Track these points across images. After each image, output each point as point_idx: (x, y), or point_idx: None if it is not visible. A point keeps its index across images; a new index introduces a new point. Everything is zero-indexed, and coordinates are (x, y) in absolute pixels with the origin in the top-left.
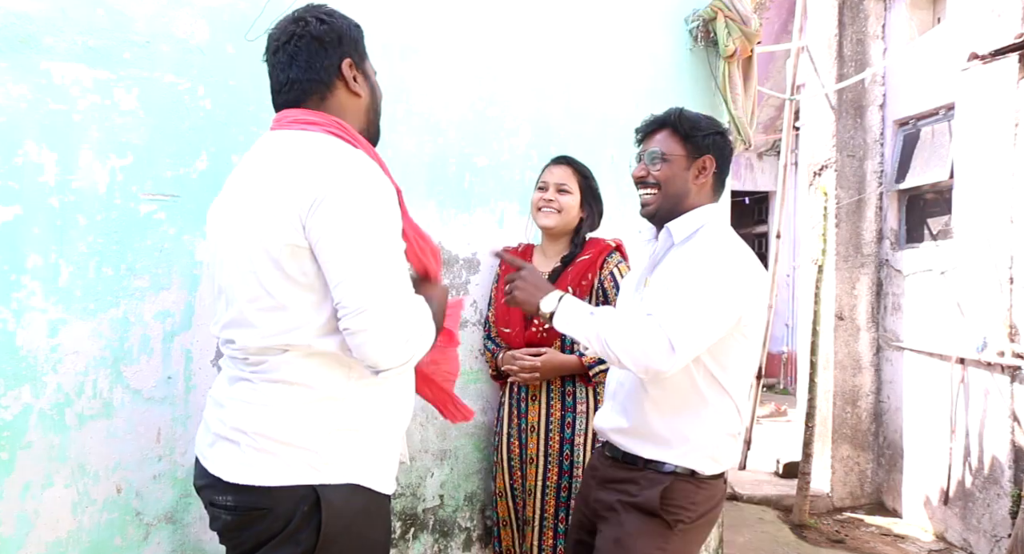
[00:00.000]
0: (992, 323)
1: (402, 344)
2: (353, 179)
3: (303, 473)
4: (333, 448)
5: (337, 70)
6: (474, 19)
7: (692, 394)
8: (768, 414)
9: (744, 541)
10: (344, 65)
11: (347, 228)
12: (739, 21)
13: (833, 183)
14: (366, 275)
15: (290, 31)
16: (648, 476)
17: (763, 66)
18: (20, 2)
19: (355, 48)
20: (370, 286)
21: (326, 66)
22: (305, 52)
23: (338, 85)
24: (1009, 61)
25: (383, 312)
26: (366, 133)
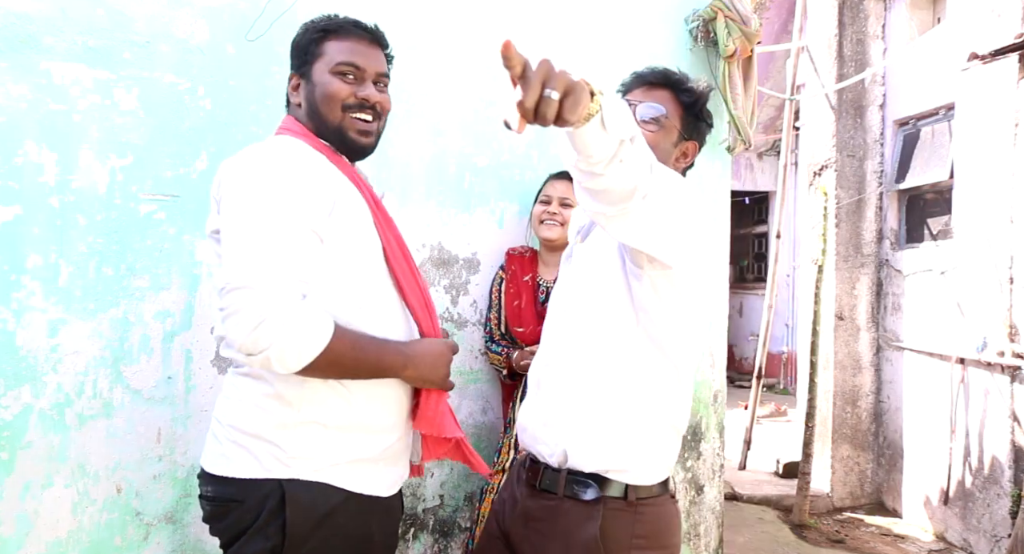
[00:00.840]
0: (992, 323)
1: (251, 329)
2: (257, 164)
3: (271, 467)
4: (299, 443)
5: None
6: (474, 19)
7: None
8: (768, 414)
9: (744, 541)
10: (290, 84)
11: (233, 207)
12: (739, 21)
13: (833, 183)
14: (238, 254)
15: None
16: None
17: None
18: (20, 2)
19: (297, 58)
20: (237, 265)
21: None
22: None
23: (292, 99)
24: (1009, 61)
25: (243, 291)
26: (322, 132)
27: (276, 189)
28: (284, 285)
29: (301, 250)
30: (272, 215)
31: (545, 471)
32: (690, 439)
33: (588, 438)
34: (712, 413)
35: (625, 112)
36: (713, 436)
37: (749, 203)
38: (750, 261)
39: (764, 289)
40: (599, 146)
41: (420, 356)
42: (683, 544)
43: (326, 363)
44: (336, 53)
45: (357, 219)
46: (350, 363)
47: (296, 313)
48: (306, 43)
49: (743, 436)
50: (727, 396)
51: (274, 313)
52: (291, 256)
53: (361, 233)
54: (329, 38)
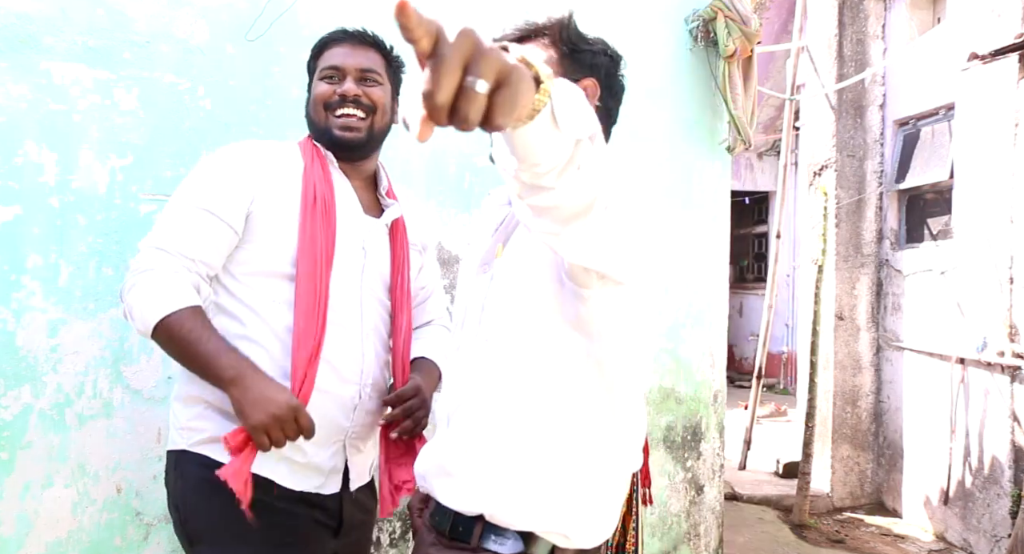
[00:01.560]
0: (992, 323)
1: (129, 285)
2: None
3: (174, 439)
4: (187, 415)
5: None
6: (474, 19)
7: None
8: (768, 414)
9: (744, 541)
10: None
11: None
12: (739, 21)
13: (833, 183)
14: (155, 225)
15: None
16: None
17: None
18: (20, 2)
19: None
20: (151, 233)
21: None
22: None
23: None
24: (1009, 61)
25: (140, 253)
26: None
27: (200, 178)
28: (168, 255)
29: (200, 233)
30: (187, 198)
31: (457, 516)
32: (690, 439)
33: (514, 491)
34: (712, 413)
35: (580, 100)
36: (713, 436)
37: (749, 203)
38: (750, 261)
39: (764, 289)
40: (549, 150)
41: (253, 384)
42: (683, 544)
43: (163, 337)
44: (324, 61)
45: (275, 223)
46: (179, 346)
47: (156, 279)
48: (310, 61)
49: (743, 436)
50: (727, 396)
51: (144, 275)
52: (187, 235)
53: (274, 239)
54: (324, 50)
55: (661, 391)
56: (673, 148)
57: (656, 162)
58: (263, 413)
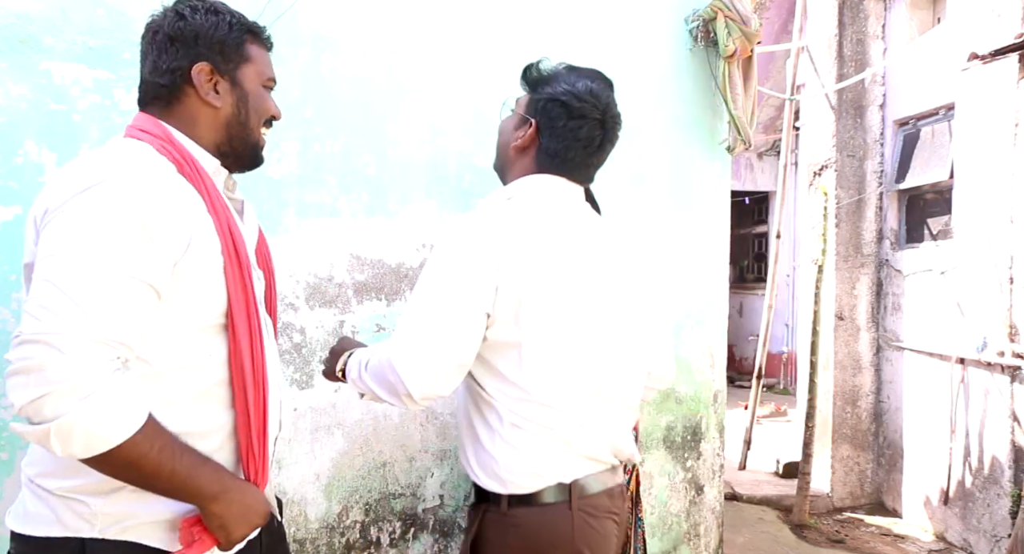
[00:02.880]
0: (992, 323)
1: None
2: (97, 187)
3: (74, 525)
4: (105, 500)
5: (186, 74)
6: (474, 18)
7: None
8: (768, 414)
9: (744, 541)
10: (195, 70)
11: (54, 238)
12: (739, 21)
13: (833, 183)
14: (44, 299)
15: (152, 25)
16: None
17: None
18: (20, 2)
19: (219, 51)
20: (40, 312)
21: (172, 69)
22: (155, 50)
23: (187, 92)
24: (1009, 61)
25: (39, 346)
26: (227, 148)
27: (113, 223)
28: (92, 347)
29: (127, 306)
30: (99, 256)
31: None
32: (690, 439)
33: (464, 451)
34: (712, 413)
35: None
36: (713, 436)
37: (749, 203)
38: (750, 261)
39: (764, 289)
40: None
41: (237, 496)
42: (683, 544)
43: (122, 461)
44: (263, 64)
45: (202, 271)
46: (150, 470)
47: (99, 387)
48: (232, 40)
49: (743, 436)
50: (727, 396)
51: (71, 380)
52: (112, 312)
53: (202, 290)
54: (253, 42)
55: (661, 391)
56: (673, 148)
57: (656, 162)
58: (247, 526)
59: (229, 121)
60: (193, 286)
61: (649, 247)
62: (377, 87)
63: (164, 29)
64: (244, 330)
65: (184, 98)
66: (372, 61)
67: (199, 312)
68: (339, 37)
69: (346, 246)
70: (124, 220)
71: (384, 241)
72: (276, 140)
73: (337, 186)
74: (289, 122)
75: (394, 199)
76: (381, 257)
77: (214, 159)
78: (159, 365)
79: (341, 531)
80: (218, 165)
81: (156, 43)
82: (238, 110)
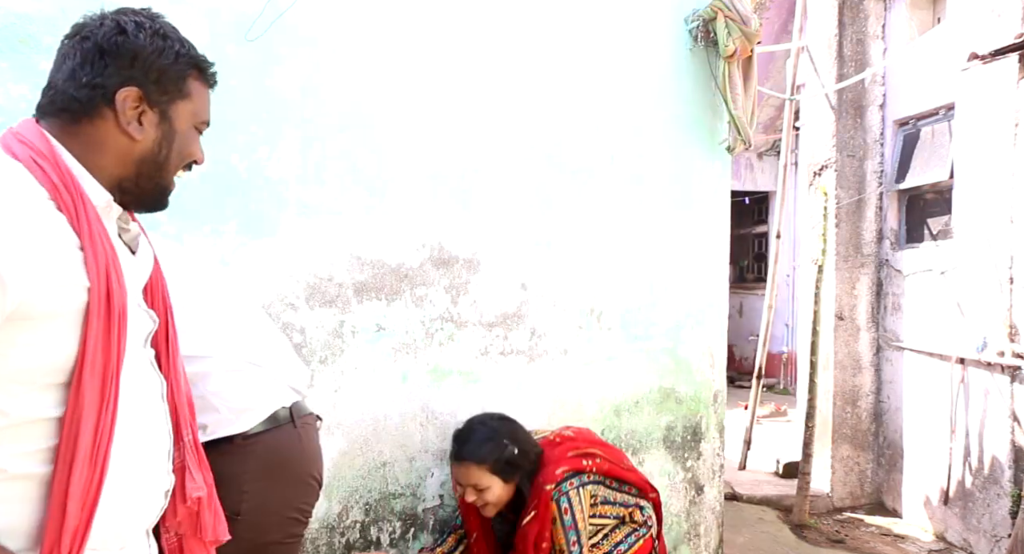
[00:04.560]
0: (992, 323)
1: None
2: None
3: None
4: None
5: (109, 95)
6: (474, 18)
7: None
8: (768, 414)
9: (744, 541)
10: (121, 93)
11: None
12: (739, 21)
13: (833, 183)
14: None
15: (84, 28)
16: None
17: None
18: (20, 2)
19: (155, 79)
20: None
21: (93, 84)
22: (79, 57)
23: (104, 114)
24: (1009, 61)
25: None
26: (132, 185)
27: None
28: None
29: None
30: None
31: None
32: (690, 439)
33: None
34: (712, 413)
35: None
36: (713, 436)
37: (749, 203)
38: (750, 261)
39: (764, 289)
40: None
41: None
42: (683, 544)
43: None
44: (201, 104)
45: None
46: None
47: None
48: (175, 71)
49: (743, 436)
50: (727, 396)
51: None
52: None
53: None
54: (197, 79)
55: (661, 391)
56: (673, 148)
57: (656, 162)
58: None
59: (144, 157)
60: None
61: (649, 247)
62: (377, 87)
63: (97, 38)
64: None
65: (98, 120)
66: (372, 61)
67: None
68: (339, 37)
69: (346, 246)
70: None
71: (384, 241)
72: (276, 140)
73: (337, 186)
74: (289, 122)
75: (394, 199)
76: (381, 257)
77: (106, 194)
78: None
79: (341, 531)
80: (110, 200)
81: (82, 50)
82: (159, 148)
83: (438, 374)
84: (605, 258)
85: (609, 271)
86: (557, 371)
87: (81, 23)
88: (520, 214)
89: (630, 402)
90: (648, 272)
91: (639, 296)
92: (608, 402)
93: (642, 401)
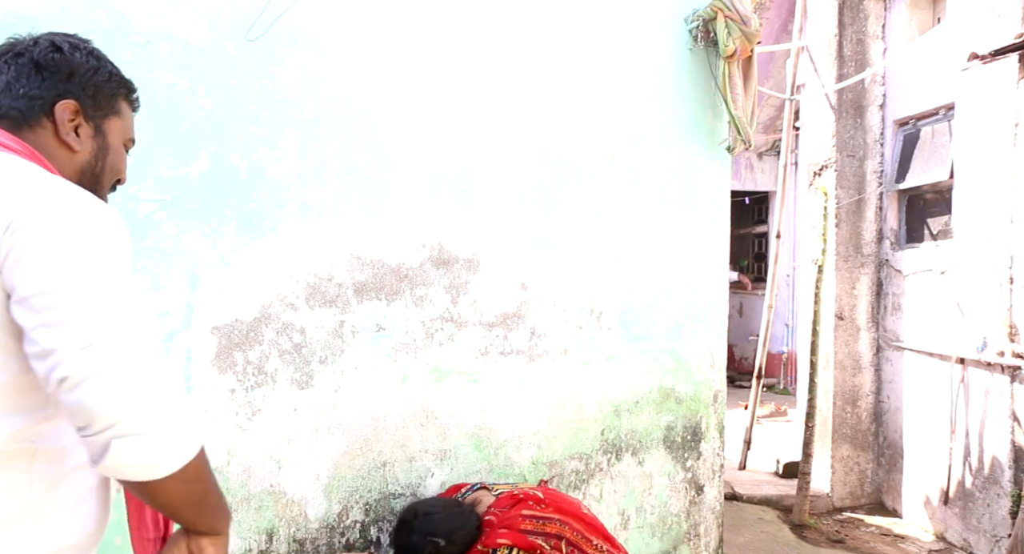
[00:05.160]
0: (992, 323)
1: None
2: (68, 199)
3: None
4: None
5: (47, 106)
6: (475, 18)
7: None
8: (768, 414)
9: (744, 541)
10: (60, 105)
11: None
12: (739, 21)
13: (833, 183)
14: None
15: (15, 46)
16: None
17: (763, 66)
18: (20, 2)
19: (91, 95)
20: (97, 320)
21: (31, 96)
22: (13, 71)
23: (44, 123)
24: (1009, 61)
25: (119, 349)
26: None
27: (117, 248)
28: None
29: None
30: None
31: None
32: (690, 439)
33: None
34: (712, 413)
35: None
36: (713, 436)
37: (749, 203)
38: (750, 261)
39: (764, 289)
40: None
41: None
42: (683, 544)
43: (191, 474)
44: (128, 123)
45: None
46: (203, 484)
47: (177, 397)
48: (108, 89)
49: (743, 436)
50: (727, 396)
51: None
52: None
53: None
54: (125, 99)
55: (661, 391)
56: (673, 148)
57: (656, 162)
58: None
59: (83, 168)
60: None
61: (649, 247)
62: (377, 87)
63: (33, 55)
64: None
65: (38, 129)
66: (371, 61)
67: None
68: (339, 37)
69: (346, 246)
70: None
71: (384, 241)
72: (276, 140)
73: (337, 186)
74: (289, 122)
75: (394, 199)
76: (381, 257)
77: None
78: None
79: (341, 531)
80: None
81: (17, 65)
82: (95, 160)
83: (438, 374)
84: (605, 258)
85: (609, 271)
86: (557, 371)
87: (11, 42)
88: (520, 214)
89: (630, 402)
90: (648, 272)
91: (639, 296)
92: (608, 402)
93: (642, 401)
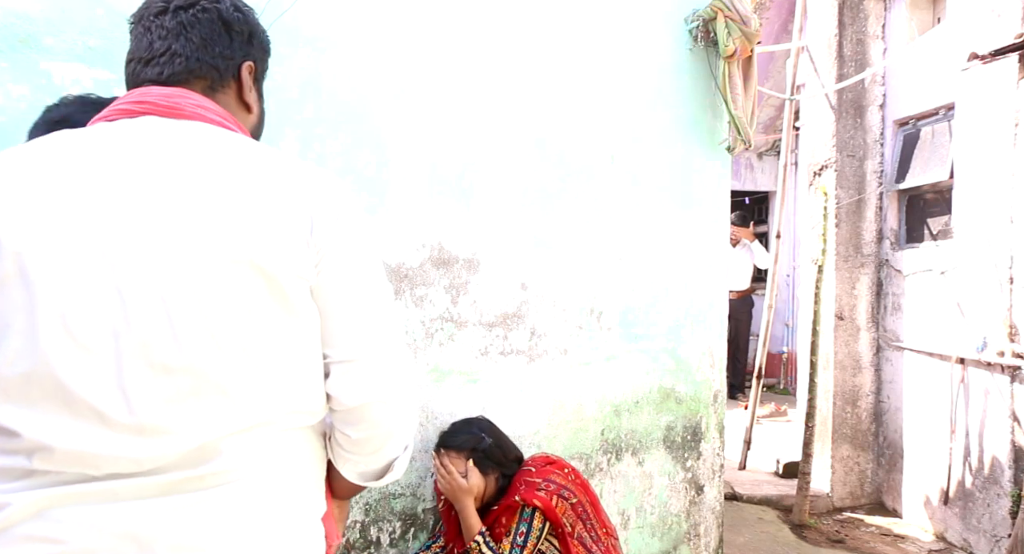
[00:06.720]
0: (992, 323)
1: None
2: (351, 202)
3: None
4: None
5: (236, 68)
6: (475, 18)
7: None
8: (768, 414)
9: (744, 541)
10: (245, 66)
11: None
12: (739, 21)
13: (833, 183)
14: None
15: (198, 1)
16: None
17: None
18: (20, 2)
19: (261, 57)
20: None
21: (224, 54)
22: (206, 27)
23: (231, 85)
24: (1009, 61)
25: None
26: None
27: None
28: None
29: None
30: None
31: None
32: (690, 439)
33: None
34: (712, 413)
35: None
36: (713, 436)
37: (749, 203)
38: None
39: (764, 289)
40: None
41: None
42: (683, 544)
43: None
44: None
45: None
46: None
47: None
48: (268, 53)
49: (743, 436)
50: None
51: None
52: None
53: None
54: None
55: (661, 391)
56: (673, 148)
57: (656, 162)
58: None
59: (254, 131)
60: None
61: (649, 247)
62: (377, 87)
63: (220, 12)
64: None
65: (228, 90)
66: (371, 61)
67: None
68: (339, 37)
69: None
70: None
71: (384, 241)
72: (276, 140)
73: None
74: (289, 122)
75: (394, 199)
76: (381, 257)
77: None
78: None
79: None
80: None
81: (207, 21)
82: (260, 122)
83: (438, 374)
84: (605, 258)
85: (609, 271)
86: (557, 371)
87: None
88: (520, 214)
89: (630, 402)
90: (648, 272)
91: (639, 296)
92: (608, 402)
93: (642, 401)
